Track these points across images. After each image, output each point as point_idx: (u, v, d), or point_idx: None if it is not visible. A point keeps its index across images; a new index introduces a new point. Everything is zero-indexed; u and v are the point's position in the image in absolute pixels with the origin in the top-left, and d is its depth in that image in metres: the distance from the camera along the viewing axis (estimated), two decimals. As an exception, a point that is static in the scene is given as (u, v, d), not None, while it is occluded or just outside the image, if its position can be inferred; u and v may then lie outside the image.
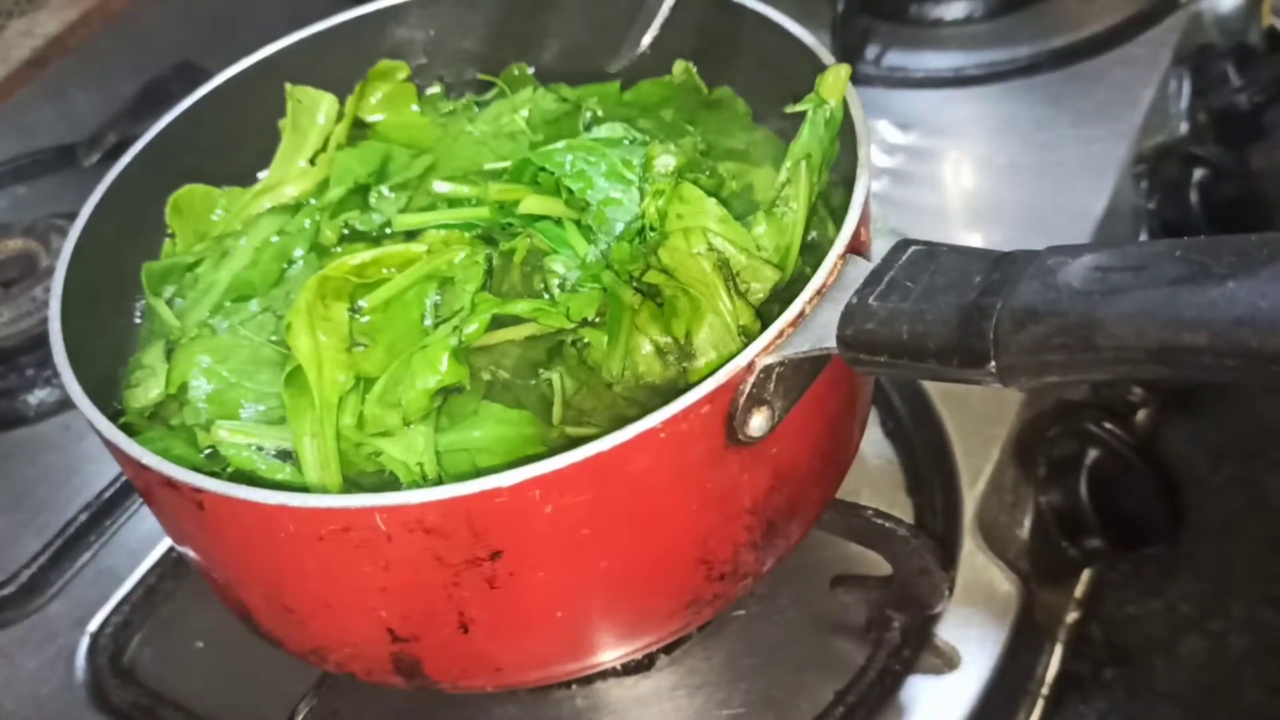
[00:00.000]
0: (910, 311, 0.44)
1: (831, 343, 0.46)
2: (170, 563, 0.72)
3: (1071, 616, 0.68)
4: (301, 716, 0.59)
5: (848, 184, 0.55)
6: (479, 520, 0.45)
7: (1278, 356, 0.35)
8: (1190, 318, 0.37)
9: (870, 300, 0.45)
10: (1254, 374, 0.36)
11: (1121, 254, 0.40)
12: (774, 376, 0.47)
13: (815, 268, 0.49)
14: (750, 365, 0.47)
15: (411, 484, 0.52)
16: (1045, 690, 0.66)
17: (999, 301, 0.41)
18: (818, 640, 0.63)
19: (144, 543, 0.73)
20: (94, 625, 0.70)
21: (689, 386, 0.47)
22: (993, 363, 0.41)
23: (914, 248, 0.47)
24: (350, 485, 0.53)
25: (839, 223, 0.52)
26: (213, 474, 0.49)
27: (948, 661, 0.62)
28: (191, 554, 0.56)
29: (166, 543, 0.72)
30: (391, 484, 0.53)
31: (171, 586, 0.71)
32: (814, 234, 0.59)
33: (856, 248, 0.51)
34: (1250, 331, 0.36)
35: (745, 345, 0.48)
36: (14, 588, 0.72)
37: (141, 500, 0.75)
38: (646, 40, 0.64)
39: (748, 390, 0.47)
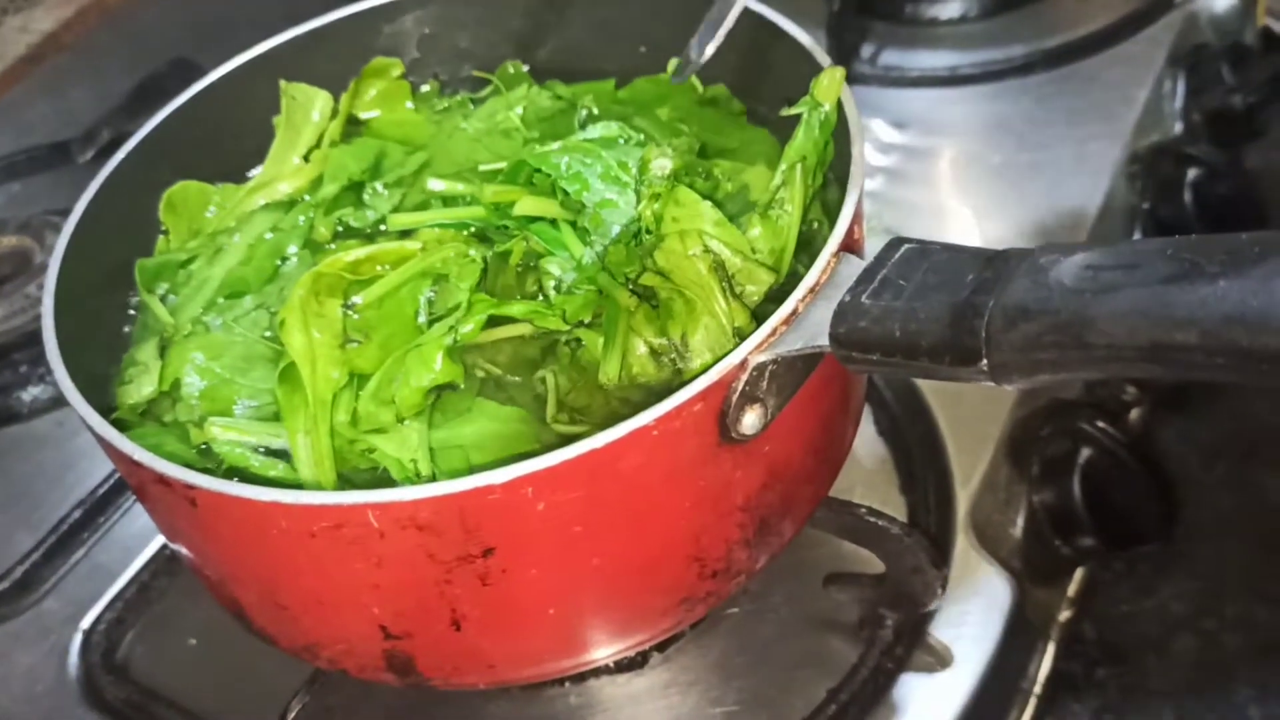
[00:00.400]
0: (903, 309, 0.44)
1: (824, 341, 0.46)
2: (163, 560, 0.72)
3: (1064, 615, 0.68)
4: (294, 714, 0.59)
5: (843, 183, 0.55)
6: (471, 517, 0.45)
7: (1268, 355, 0.35)
8: (1181, 316, 0.37)
9: (863, 298, 0.46)
10: (1245, 372, 0.36)
11: (1113, 252, 0.40)
12: (767, 374, 0.47)
13: (810, 268, 0.50)
14: (743, 363, 0.47)
15: (405, 480, 0.52)
16: (1038, 689, 0.66)
17: (991, 300, 0.41)
18: (811, 638, 0.63)
19: (137, 540, 0.73)
20: (87, 622, 0.70)
21: (683, 387, 0.47)
22: (985, 361, 0.41)
23: (907, 246, 0.47)
24: (344, 482, 0.53)
25: (834, 222, 0.52)
26: (205, 471, 0.49)
27: (940, 660, 0.62)
28: (184, 551, 0.56)
29: (159, 540, 0.72)
30: (385, 481, 0.53)
31: (165, 584, 0.71)
32: (809, 235, 0.59)
33: (850, 246, 0.51)
34: (1241, 330, 0.36)
35: (740, 346, 0.48)
36: (7, 584, 0.72)
37: (134, 497, 0.75)
38: (710, 50, 0.64)
39: (740, 388, 0.47)
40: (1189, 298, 0.37)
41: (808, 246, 0.59)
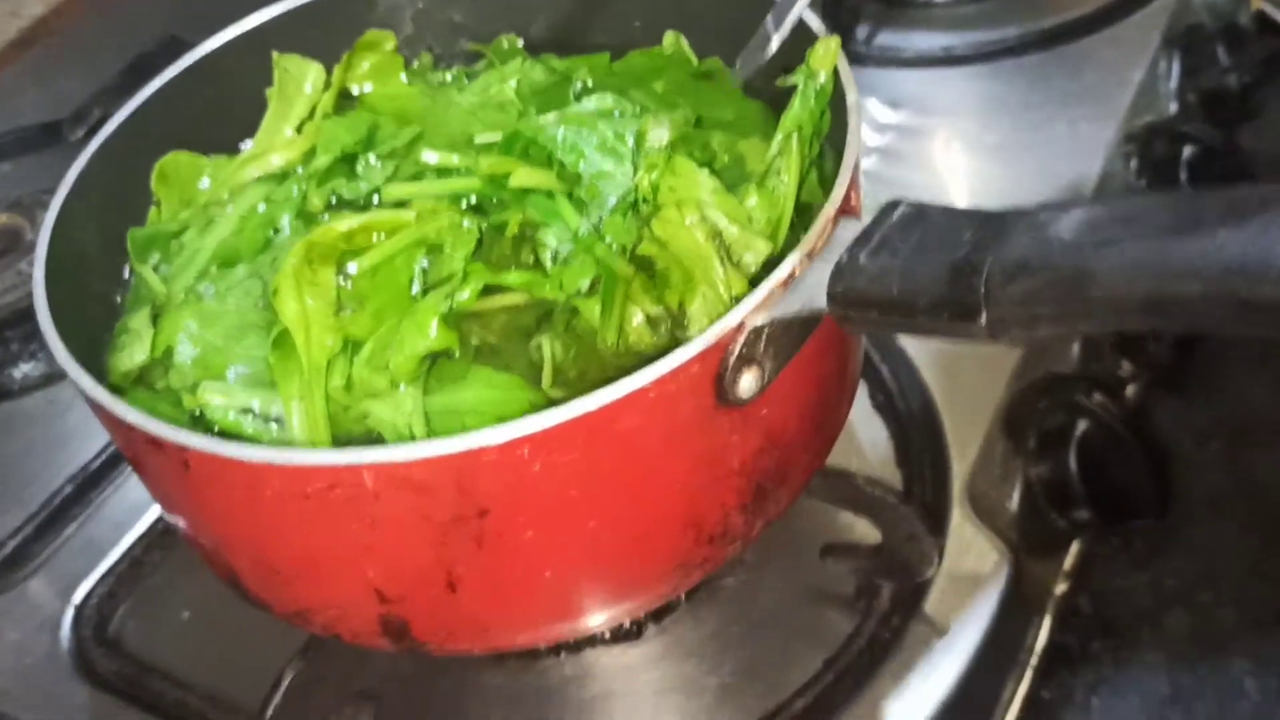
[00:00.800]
0: (900, 268, 0.44)
1: (822, 302, 0.46)
2: (156, 535, 0.71)
3: (1060, 588, 0.68)
4: (288, 681, 0.59)
5: (839, 154, 0.55)
6: (467, 478, 0.45)
7: (1266, 305, 0.35)
8: (1180, 268, 0.37)
9: (860, 258, 0.45)
10: (1244, 323, 0.36)
11: (1113, 207, 0.40)
12: (764, 337, 0.47)
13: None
14: (740, 325, 0.47)
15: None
16: (1034, 660, 0.66)
17: (989, 256, 0.41)
18: (807, 609, 0.63)
19: (129, 515, 0.73)
20: (78, 597, 0.69)
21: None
22: (983, 317, 0.41)
23: (904, 207, 0.47)
24: (339, 447, 0.53)
25: (830, 192, 0.52)
26: (198, 435, 0.48)
27: (937, 630, 0.62)
28: (177, 518, 0.55)
29: (152, 515, 0.72)
30: (379, 445, 0.52)
31: (157, 558, 0.71)
32: (805, 206, 0.59)
33: (847, 211, 0.51)
34: (1240, 280, 0.36)
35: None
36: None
37: (127, 473, 0.75)
38: (774, 46, 0.63)
39: (737, 351, 0.47)
40: (1189, 249, 0.36)
41: (804, 217, 0.58)
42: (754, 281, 0.54)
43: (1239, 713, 0.64)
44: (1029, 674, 0.66)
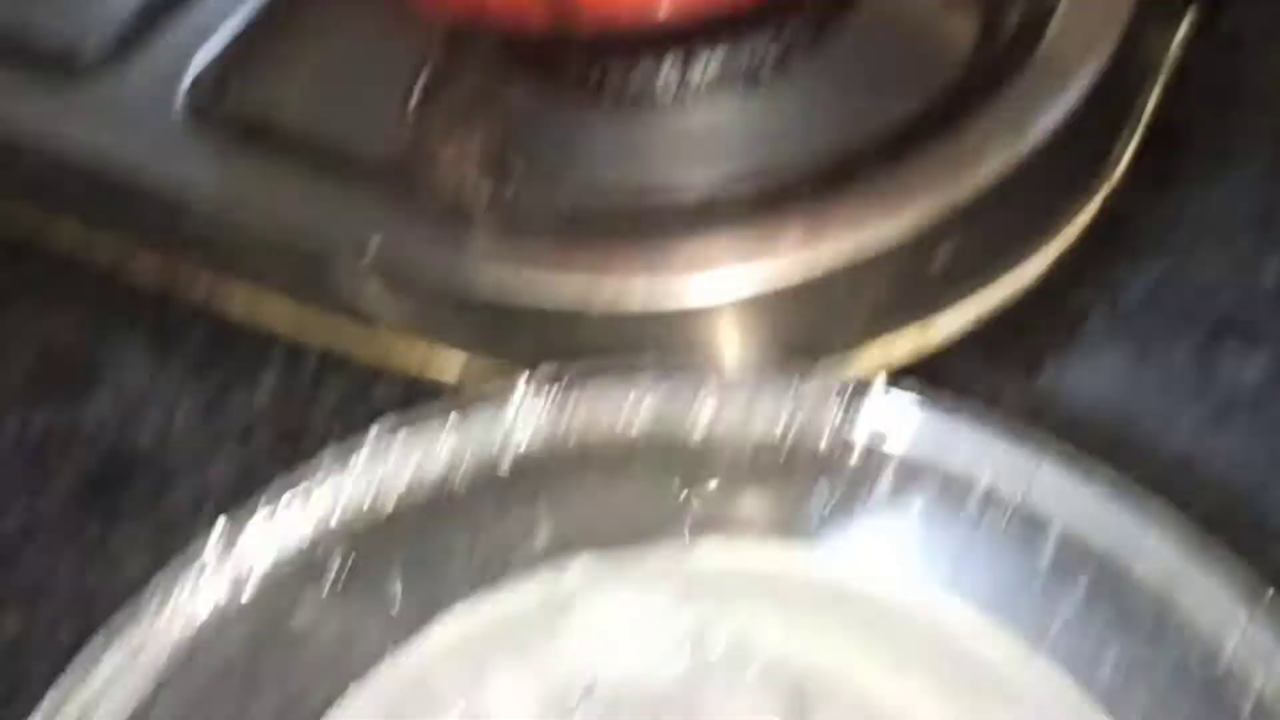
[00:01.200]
0: None
1: None
2: (266, 13, 0.71)
3: (1170, 63, 0.68)
4: (422, 83, 0.60)
5: None
6: None
7: None
8: None
9: None
10: None
11: None
12: None
13: None
14: None
15: None
16: (1140, 131, 0.67)
17: None
18: (926, 44, 0.64)
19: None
20: (191, 71, 0.69)
21: None
22: None
23: None
24: None
25: None
26: None
27: (1055, 71, 0.62)
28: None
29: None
30: None
31: (270, 33, 0.70)
32: None
33: None
34: None
35: None
36: (106, 39, 0.72)
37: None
38: None
39: None
40: None
41: None
42: None
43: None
44: (1135, 141, 0.67)
